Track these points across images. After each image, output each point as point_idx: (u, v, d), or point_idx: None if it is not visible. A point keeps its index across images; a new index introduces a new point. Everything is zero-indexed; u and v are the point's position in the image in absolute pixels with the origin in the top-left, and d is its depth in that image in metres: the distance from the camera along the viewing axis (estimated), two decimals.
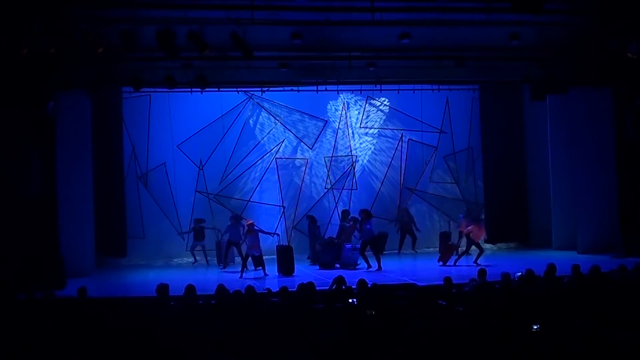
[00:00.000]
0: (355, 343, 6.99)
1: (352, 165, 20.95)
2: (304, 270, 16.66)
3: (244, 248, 16.52)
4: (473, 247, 16.92)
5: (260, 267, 16.07)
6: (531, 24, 14.64)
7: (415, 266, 17.36)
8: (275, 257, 16.78)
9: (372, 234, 16.49)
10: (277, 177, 20.52)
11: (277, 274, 15.98)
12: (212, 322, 8.23)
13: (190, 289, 10.01)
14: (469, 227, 17.02)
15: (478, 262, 16.18)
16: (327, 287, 11.18)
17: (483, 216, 19.59)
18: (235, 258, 17.62)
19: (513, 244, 20.47)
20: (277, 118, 20.61)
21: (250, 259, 16.06)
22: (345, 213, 18.86)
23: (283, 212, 20.47)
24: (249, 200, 20.34)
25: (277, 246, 16.89)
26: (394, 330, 7.53)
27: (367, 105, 21.09)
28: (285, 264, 16.13)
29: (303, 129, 20.77)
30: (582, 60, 16.93)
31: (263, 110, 20.54)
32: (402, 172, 21.08)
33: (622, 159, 17.76)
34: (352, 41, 15.90)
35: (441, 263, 16.85)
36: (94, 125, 17.54)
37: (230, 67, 16.82)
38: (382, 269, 16.19)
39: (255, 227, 16.30)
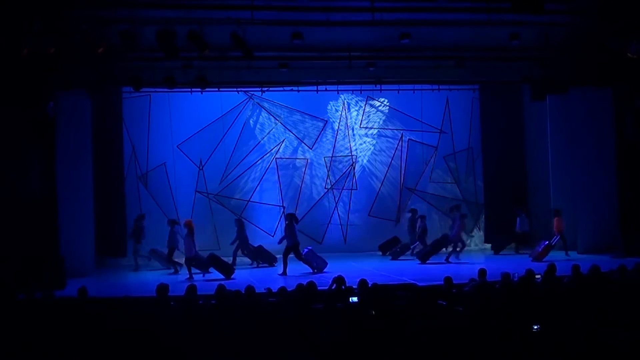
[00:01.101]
0: (355, 343, 6.99)
1: (352, 165, 20.96)
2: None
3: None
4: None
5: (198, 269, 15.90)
6: (531, 24, 14.64)
7: (415, 266, 17.34)
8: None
9: (295, 239, 16.33)
10: (277, 177, 20.54)
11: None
12: (212, 322, 8.23)
13: (191, 288, 10.01)
14: (555, 221, 17.58)
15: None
16: (327, 287, 11.18)
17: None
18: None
19: (513, 244, 20.43)
20: (277, 118, 20.61)
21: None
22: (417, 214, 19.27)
23: (283, 212, 20.45)
24: (249, 200, 20.35)
25: (208, 258, 16.21)
26: (394, 330, 7.53)
27: (367, 105, 21.10)
28: (222, 268, 15.80)
29: (303, 129, 20.78)
30: (582, 60, 16.93)
31: (263, 110, 20.55)
32: (402, 172, 21.09)
33: (622, 159, 17.77)
34: (352, 41, 15.90)
35: (531, 259, 17.00)
36: (94, 125, 17.54)
37: (230, 67, 16.82)
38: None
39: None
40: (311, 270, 16.15)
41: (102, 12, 13.69)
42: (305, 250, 16.66)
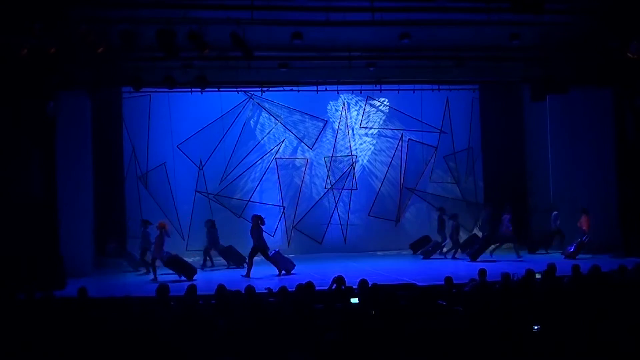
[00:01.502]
0: (355, 343, 6.98)
1: (352, 165, 20.96)
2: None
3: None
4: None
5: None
6: (531, 24, 14.63)
7: (414, 266, 17.34)
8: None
9: (262, 241, 16.20)
10: (277, 177, 20.54)
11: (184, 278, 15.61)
12: (212, 322, 8.23)
13: (191, 289, 10.01)
14: (582, 220, 17.67)
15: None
16: (327, 287, 11.18)
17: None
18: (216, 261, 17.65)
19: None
20: (277, 118, 20.61)
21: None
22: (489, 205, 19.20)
23: (283, 212, 20.48)
24: (249, 200, 20.35)
25: (167, 260, 16.15)
26: (394, 330, 7.53)
27: (367, 105, 21.10)
28: (184, 269, 15.80)
29: (303, 129, 20.78)
30: (582, 60, 16.91)
31: (263, 110, 20.55)
32: (402, 172, 21.09)
33: (622, 159, 17.77)
34: (352, 41, 15.89)
35: (564, 257, 17.10)
36: (94, 125, 17.53)
37: (230, 67, 16.78)
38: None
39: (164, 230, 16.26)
40: (277, 272, 16.04)
41: (102, 12, 13.68)
42: (273, 252, 16.50)
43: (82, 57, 14.64)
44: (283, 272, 16.09)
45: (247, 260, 16.42)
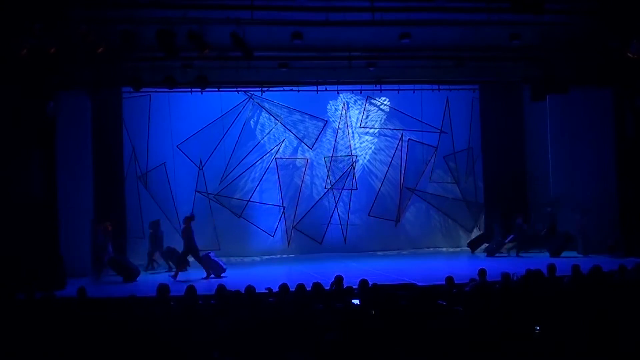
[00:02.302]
0: (355, 343, 6.98)
1: (352, 165, 20.96)
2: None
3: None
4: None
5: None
6: (531, 24, 14.64)
7: (414, 266, 17.33)
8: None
9: (193, 242, 16.12)
10: (277, 177, 20.54)
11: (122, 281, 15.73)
12: (212, 322, 8.23)
13: (191, 289, 10.01)
14: None
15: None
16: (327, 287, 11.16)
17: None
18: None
19: (513, 244, 20.43)
20: (277, 118, 20.61)
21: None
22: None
23: (283, 212, 20.47)
24: (249, 200, 20.35)
25: (108, 260, 16.33)
26: (394, 330, 7.53)
27: (367, 105, 21.10)
28: (125, 271, 15.89)
29: (303, 129, 20.78)
30: (582, 60, 16.91)
31: (263, 110, 20.55)
32: (402, 171, 21.09)
33: (622, 158, 17.77)
34: (352, 41, 15.90)
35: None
36: (94, 125, 17.53)
37: (230, 67, 16.78)
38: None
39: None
40: (205, 275, 15.89)
41: (102, 12, 13.68)
42: (203, 254, 16.32)
43: (82, 57, 14.65)
44: (212, 275, 15.91)
45: (178, 262, 16.28)
